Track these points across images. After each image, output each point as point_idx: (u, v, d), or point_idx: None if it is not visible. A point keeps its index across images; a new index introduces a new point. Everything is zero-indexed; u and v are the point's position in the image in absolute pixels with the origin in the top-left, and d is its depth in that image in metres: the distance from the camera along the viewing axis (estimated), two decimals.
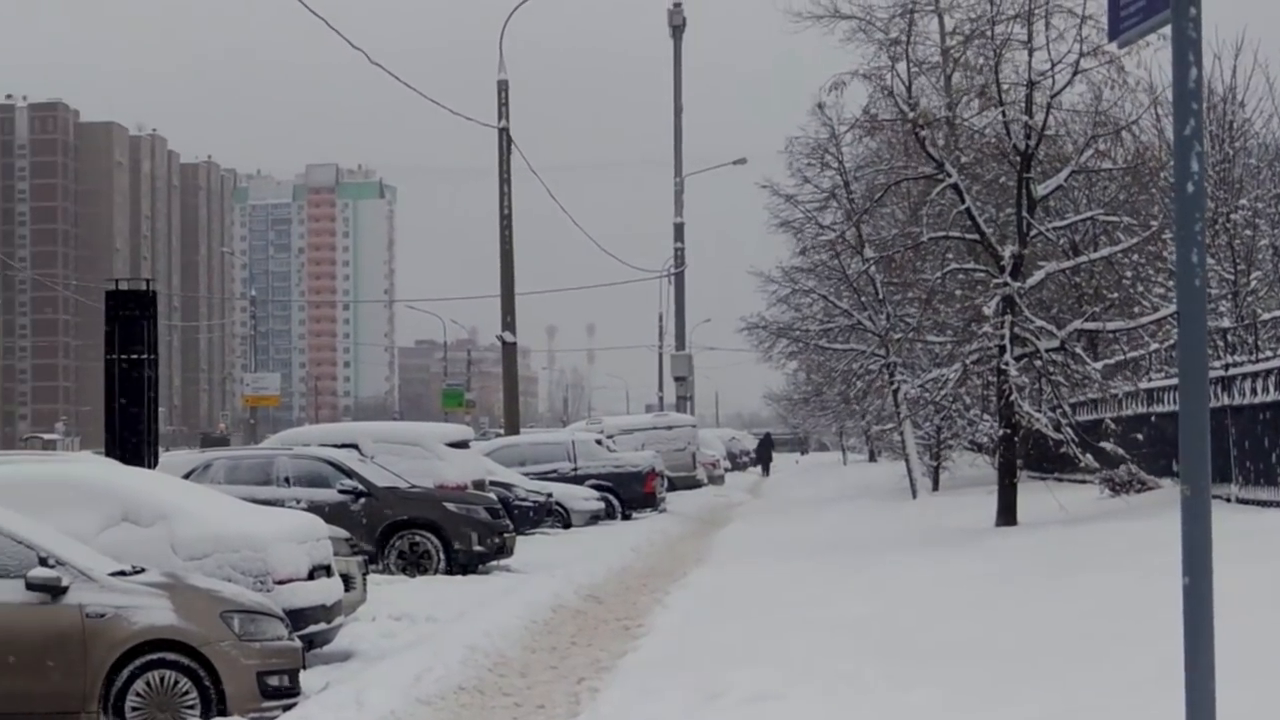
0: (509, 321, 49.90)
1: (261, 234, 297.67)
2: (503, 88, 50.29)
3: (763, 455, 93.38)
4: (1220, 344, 29.29)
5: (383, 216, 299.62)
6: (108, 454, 24.75)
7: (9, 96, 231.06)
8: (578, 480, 42.81)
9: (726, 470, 76.26)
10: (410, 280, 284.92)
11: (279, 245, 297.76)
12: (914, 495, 43.98)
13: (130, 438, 25.27)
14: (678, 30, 74.67)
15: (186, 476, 24.69)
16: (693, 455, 58.82)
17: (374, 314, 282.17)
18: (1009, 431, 29.93)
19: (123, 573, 14.00)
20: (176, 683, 13.42)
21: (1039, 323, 29.51)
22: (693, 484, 57.52)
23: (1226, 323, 32.28)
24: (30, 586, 13.26)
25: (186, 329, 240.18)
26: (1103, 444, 31.03)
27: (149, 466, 24.41)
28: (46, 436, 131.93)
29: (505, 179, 49.88)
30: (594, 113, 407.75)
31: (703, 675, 14.21)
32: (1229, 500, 24.67)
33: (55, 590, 13.31)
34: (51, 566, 13.39)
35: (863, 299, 43.66)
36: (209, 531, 16.28)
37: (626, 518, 43.03)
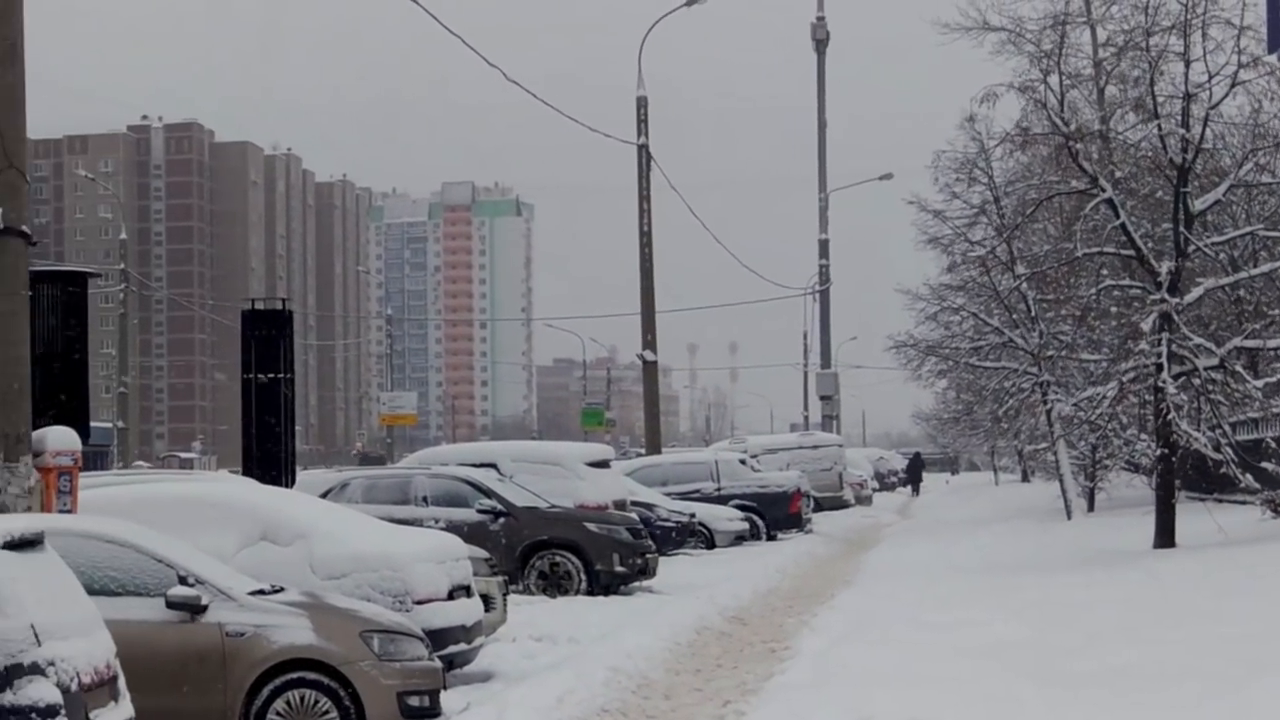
0: (649, 340, 50.00)
1: (397, 252, 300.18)
2: (642, 104, 50.45)
3: (912, 475, 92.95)
4: None
5: (520, 234, 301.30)
6: (245, 473, 25.00)
7: (144, 117, 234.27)
8: (721, 500, 42.82)
9: (874, 490, 75.94)
10: (548, 298, 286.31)
11: (415, 264, 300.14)
12: (1069, 516, 43.60)
13: (267, 457, 25.52)
14: (821, 44, 74.62)
15: (324, 496, 24.97)
16: (839, 475, 58.63)
17: (512, 332, 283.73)
18: (1167, 451, 29.60)
19: (262, 592, 14.18)
20: (317, 702, 13.57)
21: (1197, 340, 29.18)
22: (839, 504, 57.37)
23: None
24: (170, 605, 13.46)
25: (322, 348, 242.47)
26: (1264, 464, 30.62)
27: (286, 485, 24.65)
28: (184, 455, 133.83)
29: (645, 196, 50.03)
30: (735, 128, 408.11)
31: (852, 698, 14.16)
32: None
33: (195, 609, 13.51)
34: (191, 585, 13.59)
35: (1014, 316, 43.32)
36: (347, 551, 16.43)
37: (771, 539, 42.95)
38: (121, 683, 11.45)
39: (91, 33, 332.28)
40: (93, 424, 19.46)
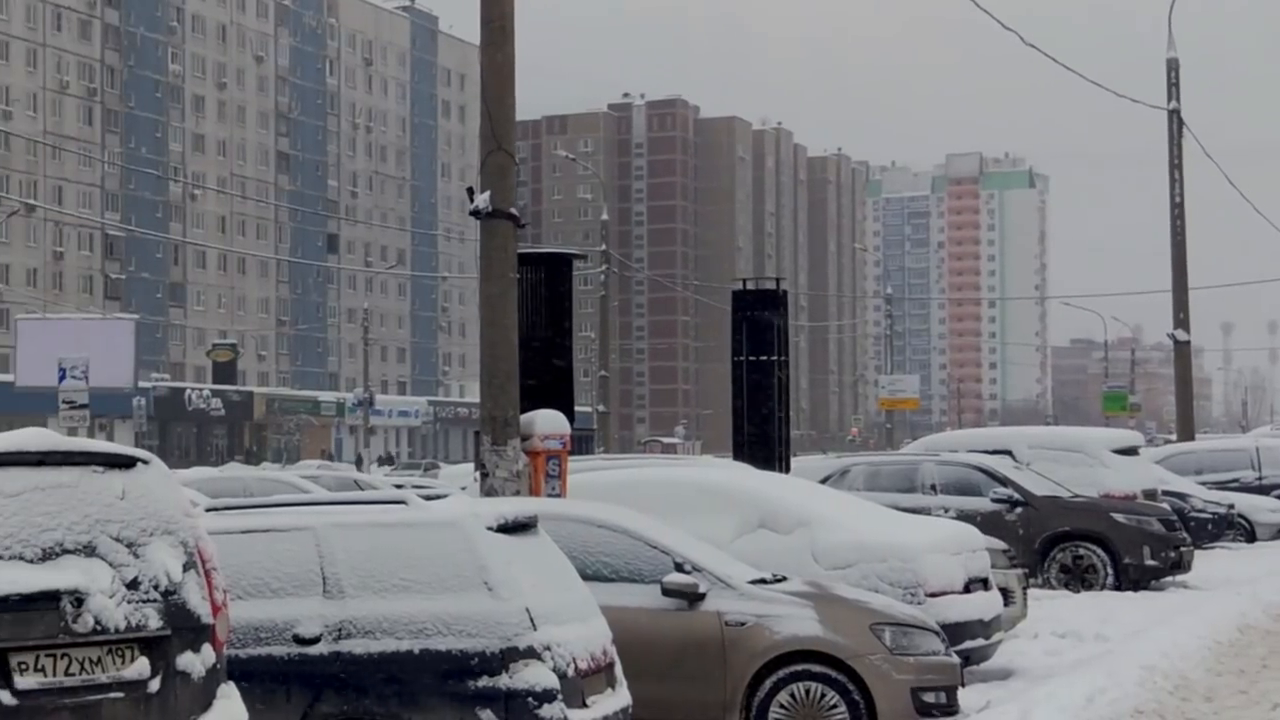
0: (1181, 318, 49.33)
1: (896, 229, 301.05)
2: (1172, 66, 49.89)
3: None
4: None
5: (1032, 208, 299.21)
6: (736, 458, 25.40)
7: (625, 95, 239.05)
8: (1262, 490, 41.75)
9: None
10: (1064, 275, 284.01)
11: (916, 240, 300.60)
12: None
13: (760, 442, 25.81)
14: None
15: (823, 482, 25.15)
16: None
17: (1023, 312, 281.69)
18: None
19: (762, 580, 14.35)
20: (823, 696, 13.65)
21: None
22: None
23: None
24: (666, 592, 13.73)
25: (815, 329, 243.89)
26: None
27: (781, 471, 24.93)
28: (666, 440, 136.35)
29: (1176, 165, 49.53)
30: (1276, 90, 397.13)
31: None
32: None
33: (692, 596, 13.76)
34: (688, 572, 13.84)
35: None
36: (853, 540, 16.54)
37: None
38: (618, 670, 11.77)
39: (572, 14, 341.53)
40: (575, 408, 20.00)
